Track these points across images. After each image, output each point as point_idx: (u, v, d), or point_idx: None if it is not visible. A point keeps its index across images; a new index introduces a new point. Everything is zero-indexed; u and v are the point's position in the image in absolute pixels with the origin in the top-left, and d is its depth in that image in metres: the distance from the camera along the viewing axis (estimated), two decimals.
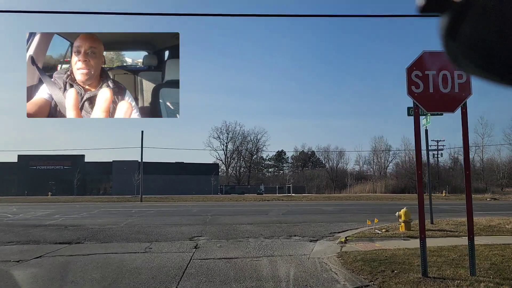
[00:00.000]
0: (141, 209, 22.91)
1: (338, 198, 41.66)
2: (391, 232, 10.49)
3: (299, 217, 16.68)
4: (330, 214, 18.21)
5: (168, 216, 17.78)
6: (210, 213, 19.03)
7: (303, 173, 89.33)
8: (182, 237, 10.93)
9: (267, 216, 17.59)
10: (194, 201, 35.69)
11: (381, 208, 23.28)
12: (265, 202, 33.74)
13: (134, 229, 12.93)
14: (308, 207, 24.33)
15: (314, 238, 10.68)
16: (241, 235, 11.23)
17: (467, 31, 0.68)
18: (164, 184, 71.09)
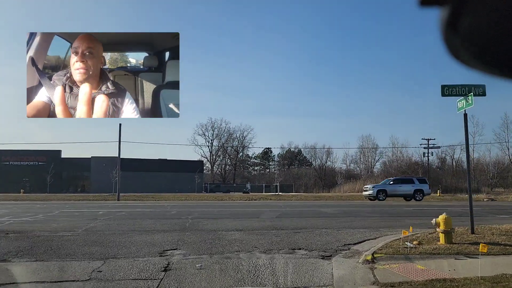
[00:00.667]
0: (111, 210, 19.96)
1: (329, 198, 39.22)
2: (429, 246, 7.90)
3: (297, 221, 14.03)
4: (333, 218, 15.60)
5: (140, 219, 14.94)
6: (191, 216, 16.24)
7: (290, 171, 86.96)
8: (151, 251, 8.18)
9: (258, 219, 14.89)
10: (176, 200, 32.83)
11: (388, 211, 20.81)
12: (253, 202, 31.05)
13: (92, 237, 10.12)
14: (303, 208, 21.71)
15: (326, 252, 8.06)
16: (229, 248, 8.53)
17: (467, 23, 0.68)
18: (145, 182, 67.93)
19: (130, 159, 69.15)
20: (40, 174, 62.85)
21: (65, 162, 68.35)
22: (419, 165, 69.76)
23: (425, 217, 16.00)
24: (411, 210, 20.32)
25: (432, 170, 75.09)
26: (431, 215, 16.61)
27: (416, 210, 20.20)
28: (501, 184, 69.06)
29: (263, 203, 27.46)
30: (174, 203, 27.70)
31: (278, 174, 64.26)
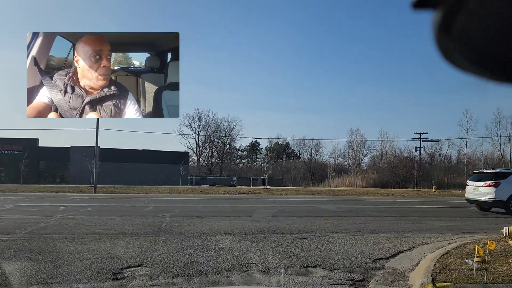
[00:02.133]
0: (78, 204, 17.22)
1: (322, 193, 36.99)
2: (505, 268, 5.50)
3: (299, 222, 11.57)
4: (339, 218, 13.17)
5: (108, 217, 12.29)
6: (170, 213, 13.67)
7: (278, 164, 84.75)
8: (103, 269, 5.65)
9: (251, 219, 12.39)
10: (158, 193, 30.20)
11: (396, 209, 18.56)
12: (242, 196, 28.57)
13: (32, 244, 7.52)
14: (299, 204, 19.25)
15: (354, 274, 5.64)
16: (216, 265, 6.04)
17: (460, 26, 0.67)
18: (128, 173, 64.94)
19: (112, 149, 66.17)
20: (16, 164, 59.31)
21: (43, 152, 64.80)
22: (412, 160, 68.07)
23: (447, 218, 13.74)
24: (423, 209, 18.04)
25: (422, 166, 73.61)
26: (453, 215, 14.32)
27: (428, 209, 17.93)
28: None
29: (254, 198, 25.00)
30: (154, 196, 25.07)
31: (268, 167, 61.63)
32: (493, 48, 0.69)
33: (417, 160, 66.68)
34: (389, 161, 69.98)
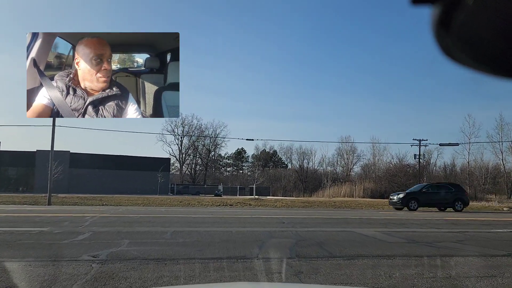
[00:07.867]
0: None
1: (322, 204, 31.22)
2: None
3: (358, 275, 5.62)
4: (411, 257, 7.24)
5: (22, 250, 6.17)
6: (110, 249, 7.54)
7: (266, 173, 78.88)
8: None
9: (263, 265, 6.37)
10: (130, 205, 24.16)
11: (482, 235, 12.86)
12: (231, 209, 22.58)
13: None
14: (322, 227, 13.01)
15: None
16: None
17: (460, 21, 0.66)
18: (101, 181, 58.35)
19: (83, 154, 59.52)
20: None
21: (4, 156, 57.73)
22: (411, 167, 63.02)
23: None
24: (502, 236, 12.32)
25: (428, 174, 68.57)
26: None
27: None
28: (491, 190, 63.16)
29: (247, 213, 18.97)
30: (112, 211, 18.80)
31: (259, 174, 55.57)
32: (493, 43, 0.67)
33: (415, 166, 61.77)
34: (388, 169, 64.78)
